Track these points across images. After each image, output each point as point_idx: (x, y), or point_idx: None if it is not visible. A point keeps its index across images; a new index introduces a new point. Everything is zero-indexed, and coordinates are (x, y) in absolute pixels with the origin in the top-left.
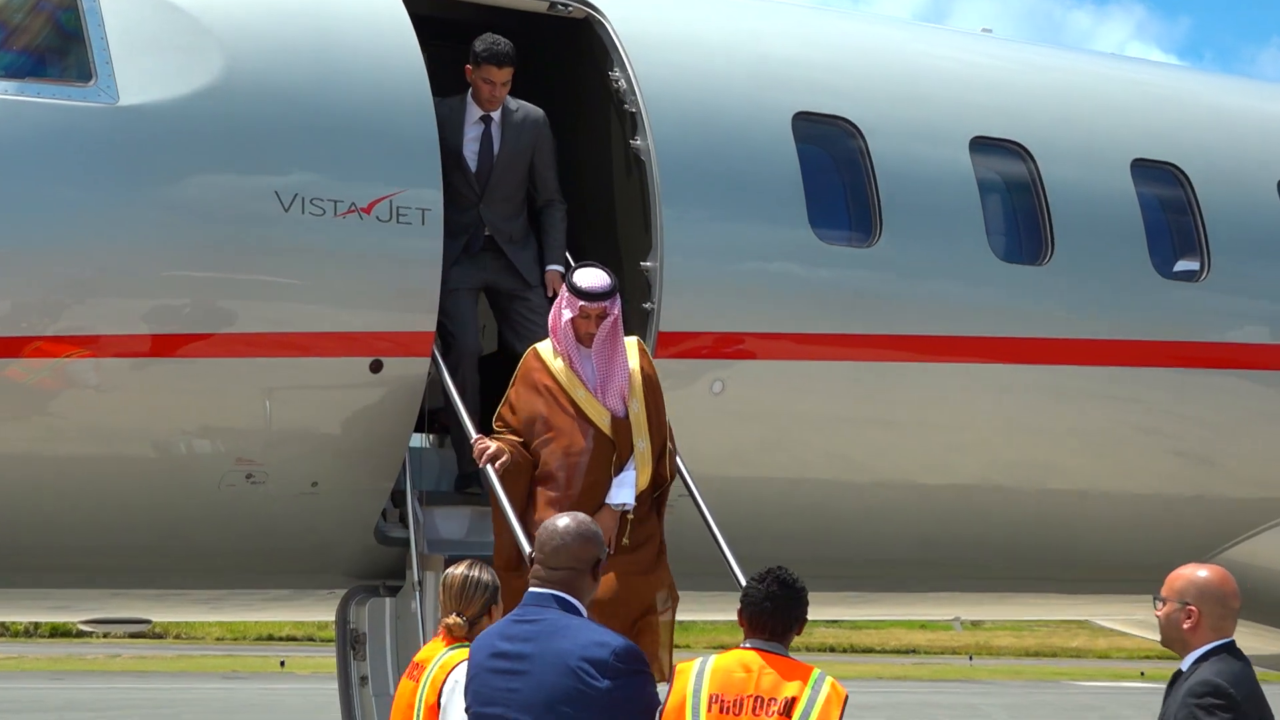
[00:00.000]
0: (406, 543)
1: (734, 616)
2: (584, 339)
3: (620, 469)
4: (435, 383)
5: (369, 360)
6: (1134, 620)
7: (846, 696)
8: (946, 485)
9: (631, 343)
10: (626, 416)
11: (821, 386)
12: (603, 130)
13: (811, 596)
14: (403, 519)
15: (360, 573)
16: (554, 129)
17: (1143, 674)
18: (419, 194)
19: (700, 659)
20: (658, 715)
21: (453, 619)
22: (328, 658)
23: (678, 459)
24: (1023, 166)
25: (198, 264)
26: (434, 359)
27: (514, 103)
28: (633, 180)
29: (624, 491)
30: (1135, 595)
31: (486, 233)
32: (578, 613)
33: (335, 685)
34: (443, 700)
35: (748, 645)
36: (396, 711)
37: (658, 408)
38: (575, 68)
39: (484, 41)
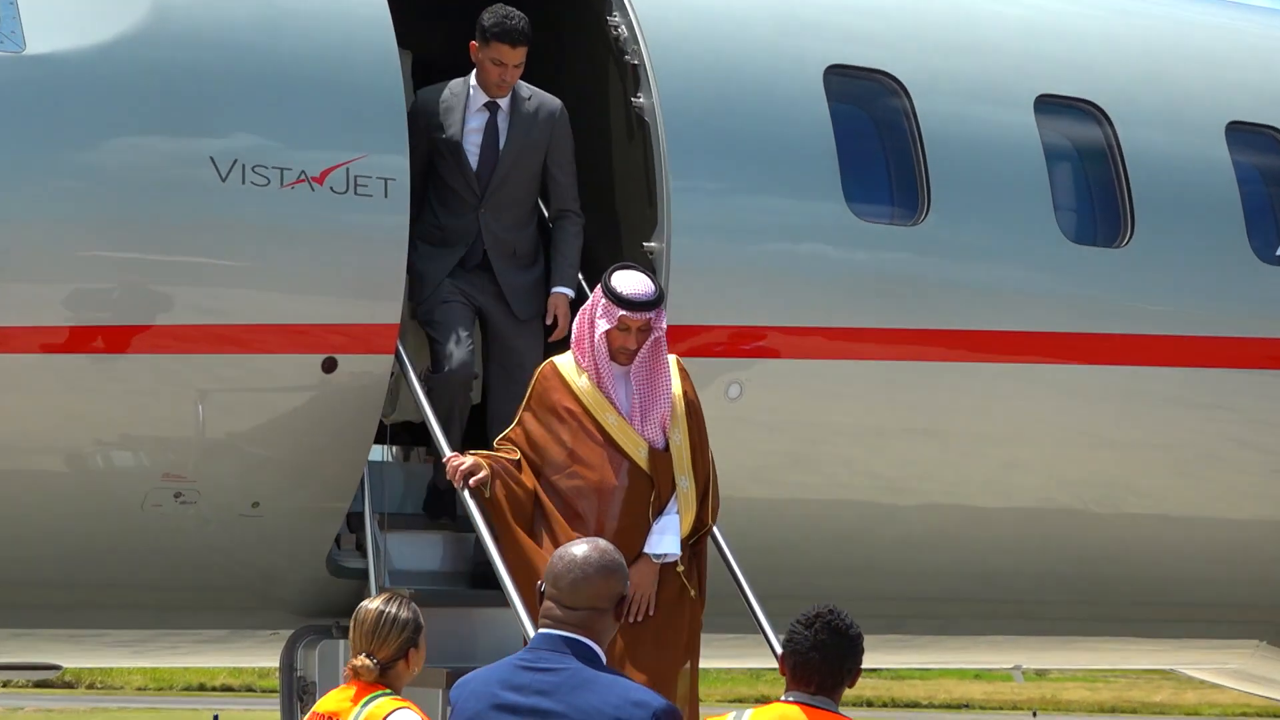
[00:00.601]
0: (364, 574)
1: (751, 663)
2: (618, 355)
3: (660, 511)
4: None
5: (321, 358)
6: (1228, 670)
7: None
8: (1005, 509)
9: (670, 360)
10: (667, 449)
11: (858, 391)
12: (599, 85)
13: None
14: (360, 546)
15: (309, 610)
16: (540, 82)
17: None
18: (381, 161)
19: (734, 715)
20: None
21: (361, 660)
22: (270, 711)
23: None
24: (1097, 131)
25: (118, 243)
26: (398, 357)
27: (526, 89)
28: (634, 145)
29: (666, 539)
30: (1230, 640)
31: (484, 245)
32: (599, 661)
33: None
34: None
35: (790, 699)
36: None
37: (702, 440)
38: (566, 10)
39: (494, 15)
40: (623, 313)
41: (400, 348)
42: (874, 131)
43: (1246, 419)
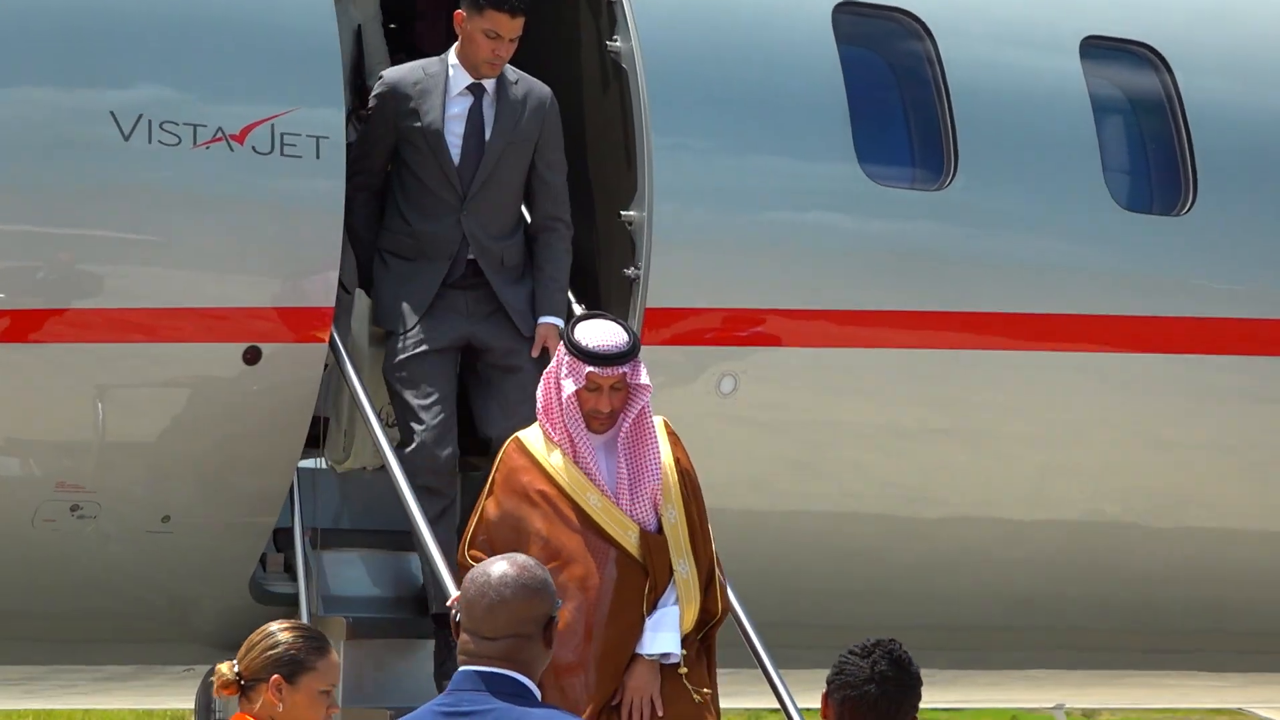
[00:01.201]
0: (293, 600)
1: (753, 703)
2: (591, 421)
3: (654, 604)
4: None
5: (242, 347)
6: None
7: None
8: (1045, 522)
9: (657, 423)
10: (660, 529)
11: (872, 384)
12: (567, 27)
13: None
14: (289, 567)
15: (229, 641)
16: None
17: None
18: (311, 116)
19: None
20: None
21: (223, 665)
22: None
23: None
24: (1154, 79)
25: (2, 213)
26: (332, 346)
27: (512, 72)
28: (610, 97)
29: (664, 637)
30: None
31: (471, 255)
32: (531, 695)
33: None
34: None
35: None
36: None
37: (701, 515)
38: None
39: None
40: (590, 369)
41: (335, 336)
42: (892, 80)
43: None
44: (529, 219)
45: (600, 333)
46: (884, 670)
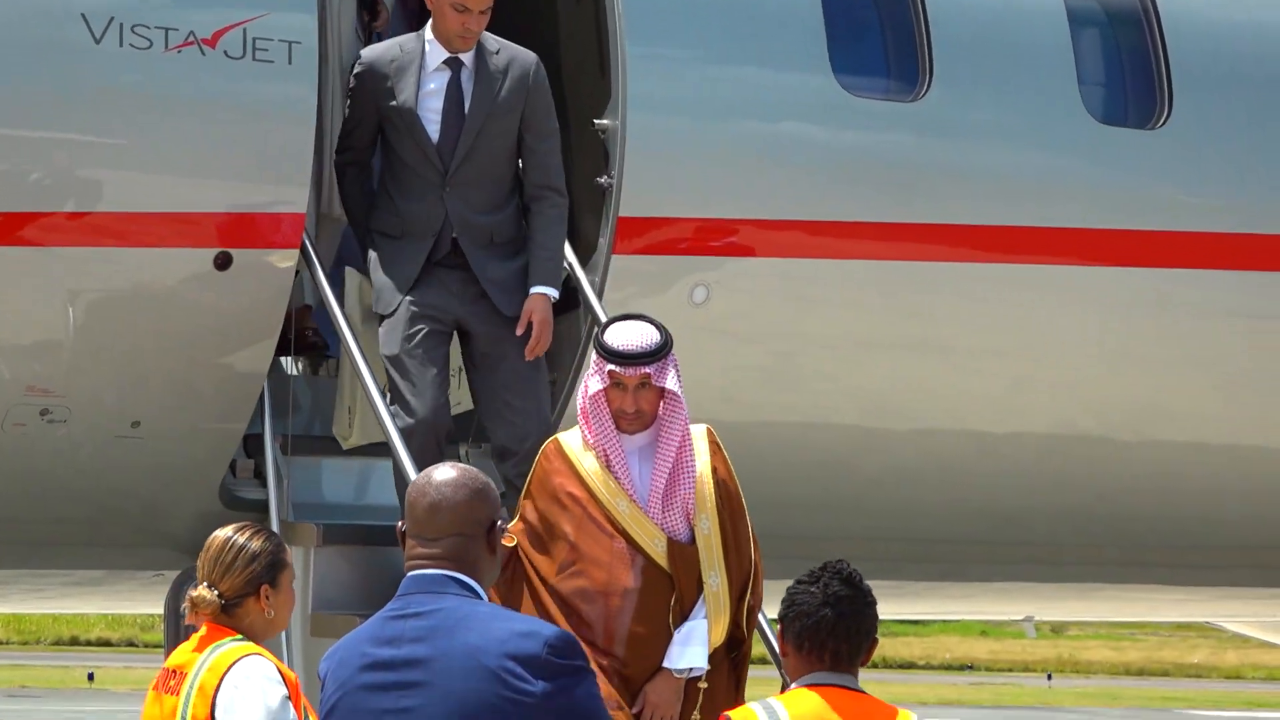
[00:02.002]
0: (263, 506)
1: None
2: (620, 422)
3: (683, 616)
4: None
5: (213, 253)
6: (1275, 624)
7: None
8: (1015, 435)
9: (699, 432)
10: (693, 540)
11: (844, 296)
12: None
13: None
14: (259, 474)
15: (199, 547)
16: None
17: None
18: (284, 20)
19: (759, 706)
20: None
21: (200, 590)
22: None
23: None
24: None
25: None
26: (304, 250)
27: (493, 41)
28: (585, 5)
29: (691, 652)
30: (1277, 589)
31: (454, 234)
32: (479, 596)
33: None
34: (217, 714)
35: (809, 683)
36: None
37: (738, 528)
38: None
39: None
40: (611, 366)
41: (308, 242)
42: None
43: None
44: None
45: (627, 332)
46: (837, 591)
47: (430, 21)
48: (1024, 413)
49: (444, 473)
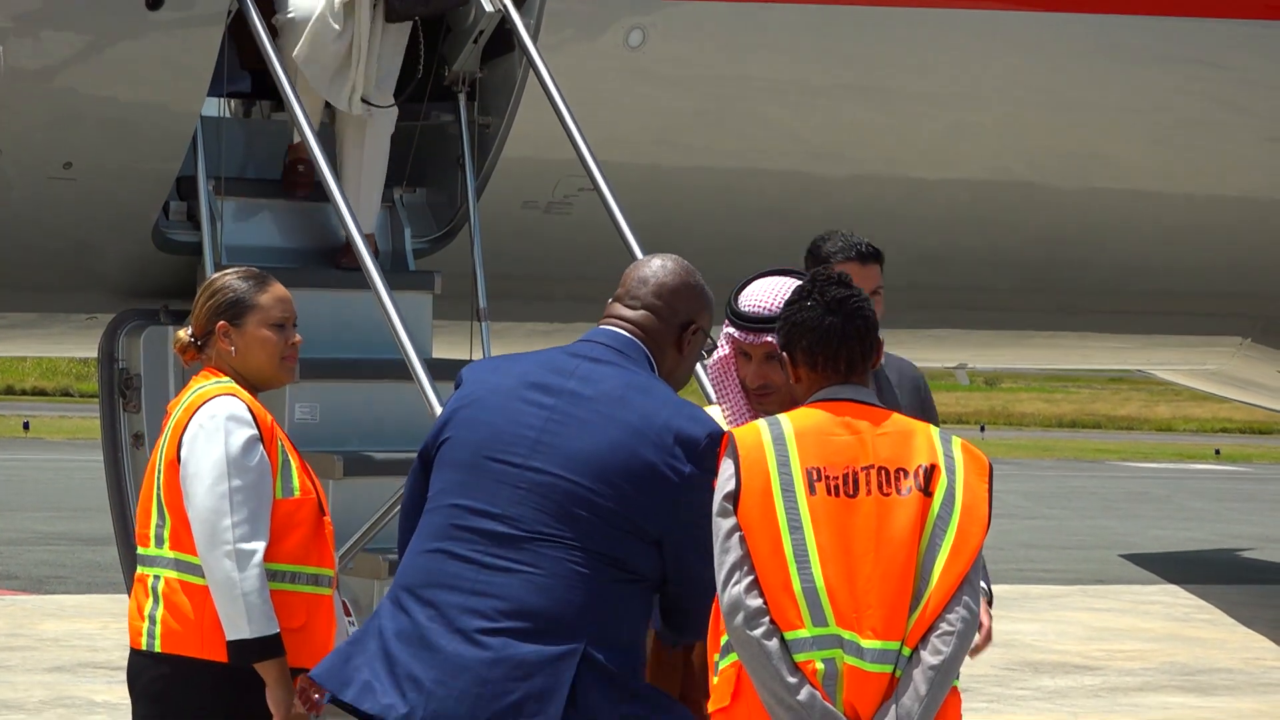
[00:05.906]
0: (197, 249)
1: None
2: (752, 397)
3: None
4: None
5: None
6: (1206, 372)
7: (990, 467)
8: (950, 180)
9: None
10: None
11: (781, 39)
12: None
13: None
14: (192, 216)
15: (132, 290)
16: None
17: (1218, 452)
18: None
19: (766, 424)
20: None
21: (183, 331)
22: (88, 418)
23: None
24: None
25: None
26: None
27: None
28: None
29: None
30: (1209, 336)
31: None
32: (649, 369)
33: (99, 451)
34: (183, 454)
35: (824, 398)
36: (147, 479)
37: None
38: None
39: None
40: (733, 332)
41: None
42: None
43: (1237, 78)
44: None
45: (761, 291)
46: (835, 295)
47: None
48: (959, 159)
49: (671, 257)
